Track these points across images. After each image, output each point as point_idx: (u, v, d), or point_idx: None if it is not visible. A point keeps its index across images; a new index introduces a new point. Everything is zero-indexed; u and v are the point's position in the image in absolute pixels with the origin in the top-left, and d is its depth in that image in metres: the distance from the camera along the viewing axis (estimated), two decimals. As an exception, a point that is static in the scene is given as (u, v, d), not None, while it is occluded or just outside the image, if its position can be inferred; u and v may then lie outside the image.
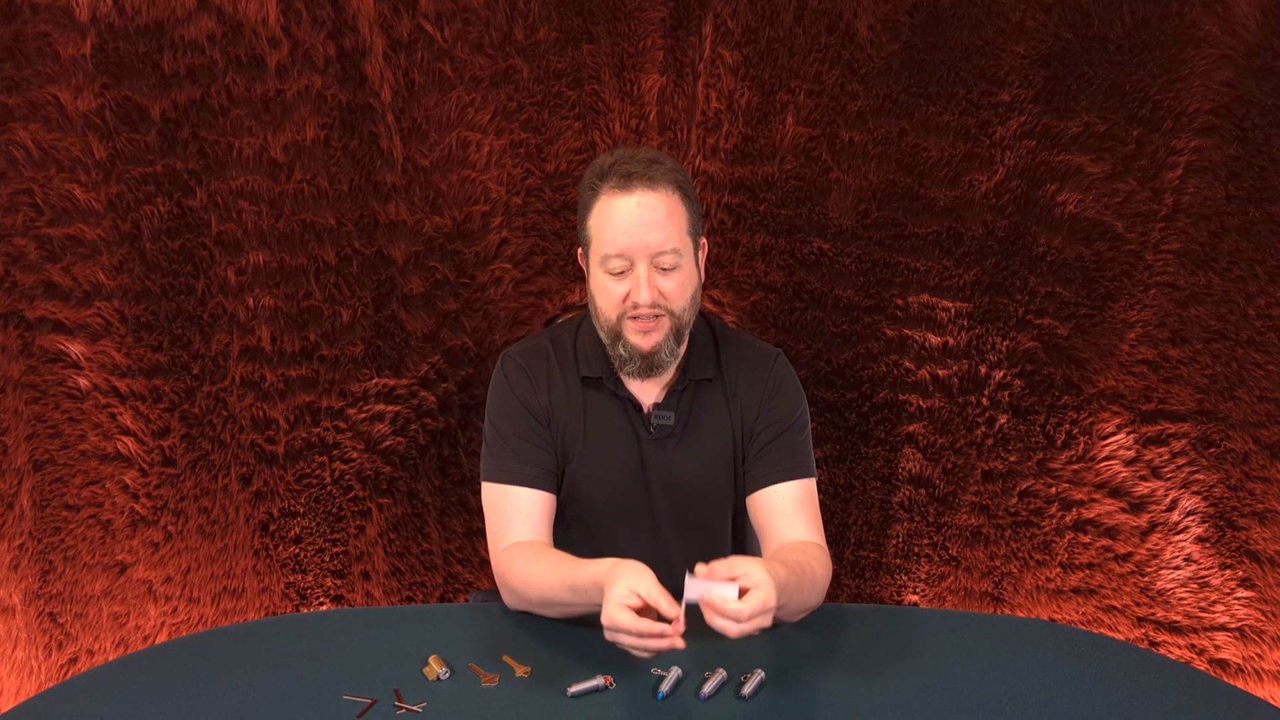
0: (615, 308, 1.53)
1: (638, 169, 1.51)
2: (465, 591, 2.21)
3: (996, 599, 2.18)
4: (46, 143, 1.92)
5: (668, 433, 1.60)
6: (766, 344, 1.70)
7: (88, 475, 2.06)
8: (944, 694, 1.32)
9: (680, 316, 1.54)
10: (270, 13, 1.90)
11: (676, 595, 1.66)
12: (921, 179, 2.00)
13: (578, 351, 1.63)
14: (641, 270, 1.50)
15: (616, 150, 1.57)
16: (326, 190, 1.99)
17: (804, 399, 1.66)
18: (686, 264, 1.54)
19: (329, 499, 2.13)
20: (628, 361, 1.56)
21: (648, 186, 1.50)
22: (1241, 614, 2.12)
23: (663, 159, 1.55)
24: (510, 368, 1.63)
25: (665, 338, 1.54)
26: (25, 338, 2.00)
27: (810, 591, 1.46)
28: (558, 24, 1.94)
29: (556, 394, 1.62)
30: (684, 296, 1.54)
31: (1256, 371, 2.03)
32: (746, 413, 1.63)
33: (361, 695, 1.31)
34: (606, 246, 1.51)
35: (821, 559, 1.50)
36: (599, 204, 1.53)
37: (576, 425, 1.61)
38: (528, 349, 1.66)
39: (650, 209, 1.50)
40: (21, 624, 2.10)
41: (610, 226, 1.51)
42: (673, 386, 1.61)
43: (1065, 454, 2.10)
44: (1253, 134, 1.93)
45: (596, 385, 1.61)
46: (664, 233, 1.50)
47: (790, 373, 1.67)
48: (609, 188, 1.52)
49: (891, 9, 1.93)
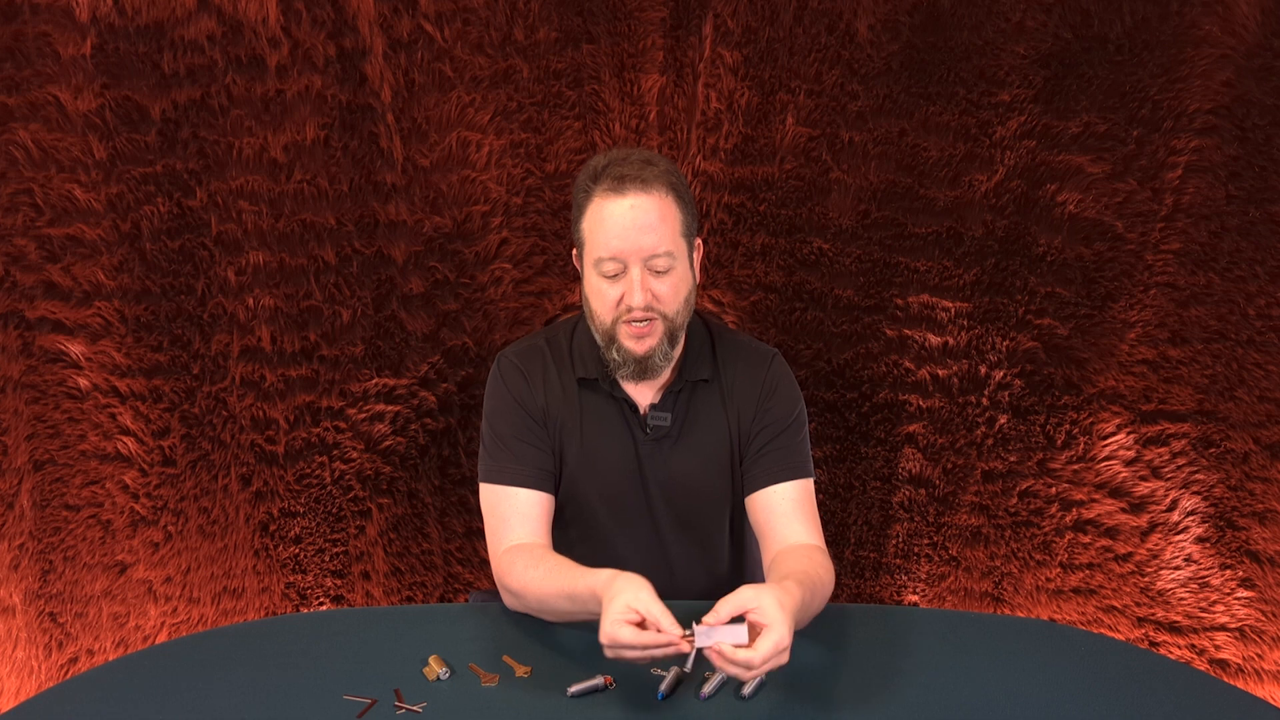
0: (609, 311, 1.53)
1: (631, 171, 1.50)
2: (465, 591, 2.21)
3: (996, 599, 2.18)
4: (46, 143, 1.92)
5: (664, 433, 1.60)
6: (763, 344, 1.69)
7: (88, 475, 2.06)
8: (944, 694, 1.32)
9: (674, 320, 1.54)
10: (270, 13, 1.90)
11: (677, 594, 1.66)
12: (921, 179, 2.00)
13: (573, 352, 1.63)
14: (635, 273, 1.49)
15: (610, 151, 1.56)
16: (326, 190, 1.99)
17: (801, 399, 1.65)
18: (680, 266, 1.53)
19: (329, 499, 2.13)
20: (621, 365, 1.55)
21: (641, 189, 1.49)
22: (1241, 614, 2.12)
23: (657, 160, 1.54)
24: (506, 368, 1.62)
25: (659, 341, 1.53)
26: (25, 338, 2.00)
27: (820, 602, 1.45)
28: (558, 24, 1.94)
29: (552, 394, 1.61)
30: (677, 299, 1.53)
31: (1256, 371, 2.03)
32: (743, 413, 1.62)
33: (361, 695, 1.31)
34: (599, 249, 1.50)
35: (825, 564, 1.50)
36: (592, 206, 1.52)
37: (573, 426, 1.61)
38: (523, 350, 1.65)
39: (643, 211, 1.49)
40: (21, 624, 2.10)
41: (603, 229, 1.50)
42: (669, 387, 1.61)
43: (1065, 454, 2.10)
44: (1253, 134, 1.93)
45: (592, 386, 1.61)
46: (657, 235, 1.49)
47: (787, 372, 1.66)
48: (602, 190, 1.50)
49: (891, 9, 1.93)
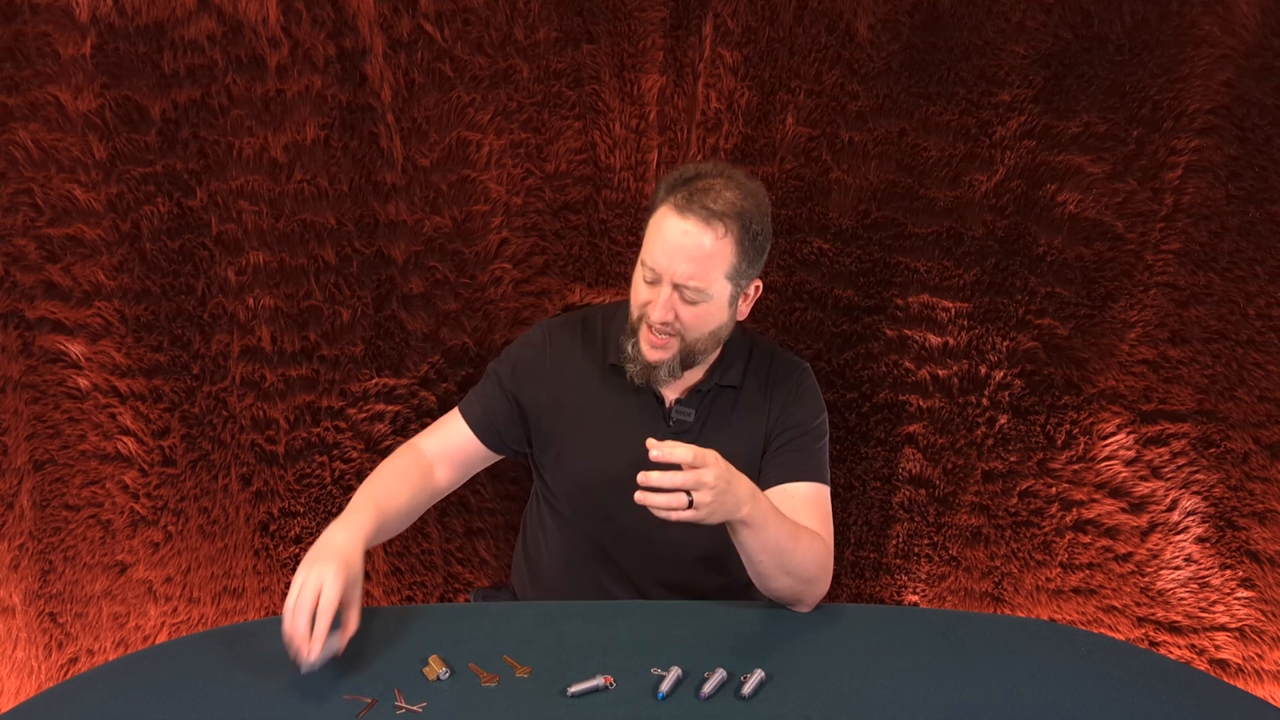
0: (638, 309, 1.57)
1: (703, 197, 1.49)
2: (465, 591, 2.21)
3: (996, 599, 2.18)
4: (46, 143, 1.92)
5: (685, 428, 1.62)
6: (797, 357, 1.75)
7: (88, 475, 2.06)
8: (944, 694, 1.32)
9: (692, 345, 1.56)
10: (270, 13, 1.90)
11: (686, 591, 1.67)
12: (921, 179, 2.00)
13: (607, 337, 1.68)
14: (664, 291, 1.52)
15: (704, 163, 1.56)
16: (326, 190, 1.99)
17: (824, 412, 1.70)
18: (713, 304, 1.53)
19: (329, 499, 2.13)
20: (631, 360, 1.58)
21: (702, 219, 1.49)
22: (1242, 614, 2.12)
23: (737, 185, 1.52)
24: (534, 340, 1.72)
25: (670, 357, 1.56)
26: (25, 338, 2.00)
27: (793, 544, 1.45)
28: (558, 24, 1.94)
29: (570, 375, 1.65)
30: (700, 328, 1.55)
31: (1256, 371, 2.03)
32: (770, 420, 1.64)
33: (361, 695, 1.31)
34: (645, 254, 1.55)
35: (818, 542, 1.51)
36: (659, 212, 1.54)
37: (589, 408, 1.63)
38: (559, 324, 1.74)
39: (694, 241, 1.49)
40: (21, 624, 2.10)
41: (655, 239, 1.53)
42: (698, 387, 1.63)
43: (1065, 454, 2.10)
44: (1253, 134, 1.93)
45: (621, 374, 1.63)
46: (696, 268, 1.49)
47: (814, 385, 1.71)
48: (671, 201, 1.52)
49: (891, 9, 1.93)
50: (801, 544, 1.47)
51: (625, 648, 1.42)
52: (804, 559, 1.47)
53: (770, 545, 1.43)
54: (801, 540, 1.47)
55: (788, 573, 1.47)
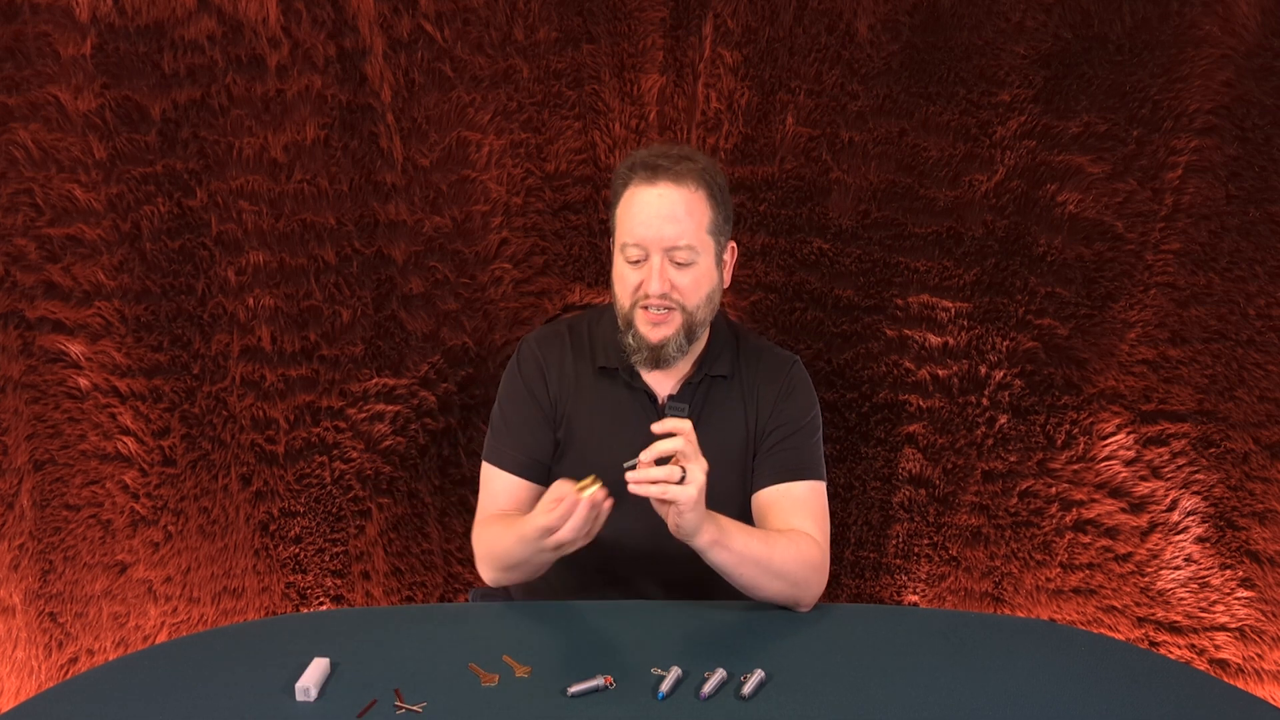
0: (629, 296, 1.57)
1: (666, 163, 1.54)
2: (465, 591, 2.21)
3: (996, 599, 2.18)
4: (46, 143, 1.92)
5: None
6: (786, 350, 1.74)
7: (88, 475, 2.06)
8: (944, 694, 1.32)
9: (693, 314, 1.57)
10: (270, 13, 1.90)
11: (683, 589, 1.67)
12: (921, 179, 2.00)
13: (594, 341, 1.67)
14: (655, 261, 1.53)
15: (654, 145, 1.60)
16: (326, 190, 1.99)
17: (817, 405, 1.69)
18: (703, 262, 1.56)
19: (329, 499, 2.13)
20: (636, 351, 1.59)
21: (672, 180, 1.54)
22: (1241, 614, 2.12)
23: (696, 156, 1.58)
24: (525, 355, 1.68)
25: (675, 332, 1.56)
26: (25, 338, 2.00)
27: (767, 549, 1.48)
28: (558, 24, 1.94)
29: (566, 383, 1.65)
30: (698, 294, 1.56)
31: (1256, 371, 2.03)
32: (761, 413, 1.65)
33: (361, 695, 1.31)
34: (625, 235, 1.55)
35: (801, 541, 1.51)
36: (626, 194, 1.57)
37: (585, 413, 1.63)
38: (545, 335, 1.70)
39: (670, 202, 1.53)
40: (21, 624, 2.10)
41: (630, 216, 1.55)
42: (688, 380, 1.64)
43: (1065, 454, 2.10)
44: (1253, 134, 1.93)
45: (611, 376, 1.64)
46: (680, 227, 1.53)
47: (805, 378, 1.70)
48: (637, 179, 1.56)
49: (891, 9, 1.93)
50: (777, 547, 1.48)
51: (625, 648, 1.42)
52: (784, 561, 1.48)
53: (745, 557, 1.46)
54: (777, 544, 1.49)
55: (774, 577, 1.48)
